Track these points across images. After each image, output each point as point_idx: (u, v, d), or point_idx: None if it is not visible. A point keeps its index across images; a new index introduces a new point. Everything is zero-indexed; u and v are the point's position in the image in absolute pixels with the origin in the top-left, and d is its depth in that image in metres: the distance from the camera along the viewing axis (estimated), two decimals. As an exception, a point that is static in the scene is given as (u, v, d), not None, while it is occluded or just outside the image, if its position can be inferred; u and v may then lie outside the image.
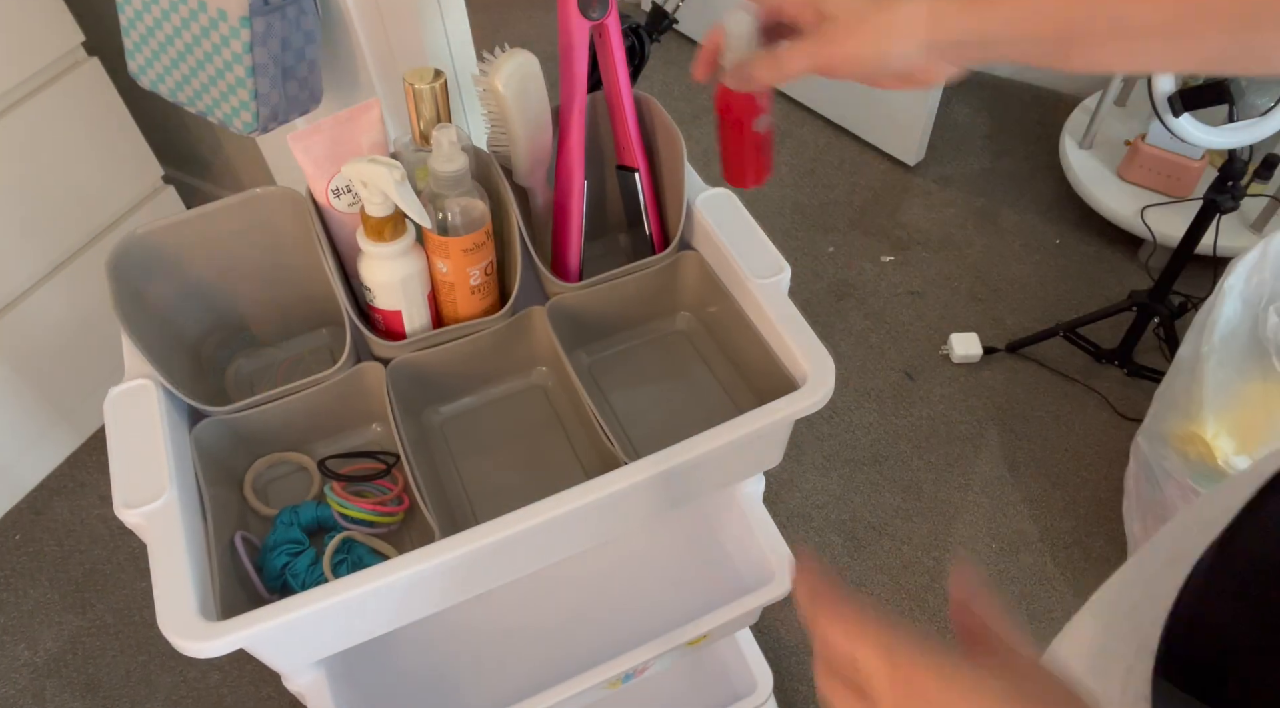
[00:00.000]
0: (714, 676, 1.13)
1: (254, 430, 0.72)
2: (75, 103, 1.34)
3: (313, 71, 1.19)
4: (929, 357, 1.67)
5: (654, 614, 0.94)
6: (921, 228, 1.88)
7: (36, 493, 1.53)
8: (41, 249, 1.38)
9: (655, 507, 0.72)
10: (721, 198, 0.77)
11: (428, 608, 0.69)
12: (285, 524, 0.70)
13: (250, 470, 0.74)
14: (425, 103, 0.69)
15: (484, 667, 0.94)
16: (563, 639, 0.95)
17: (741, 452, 0.72)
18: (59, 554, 1.46)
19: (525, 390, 0.81)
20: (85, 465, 1.56)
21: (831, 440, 1.57)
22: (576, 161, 0.74)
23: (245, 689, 1.32)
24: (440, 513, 0.68)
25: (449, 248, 0.68)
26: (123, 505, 0.60)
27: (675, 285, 0.80)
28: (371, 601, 0.61)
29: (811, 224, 1.88)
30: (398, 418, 0.69)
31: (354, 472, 0.74)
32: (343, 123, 0.69)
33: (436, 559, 0.58)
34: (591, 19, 0.68)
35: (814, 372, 0.66)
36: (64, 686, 1.34)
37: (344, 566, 0.68)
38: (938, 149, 2.01)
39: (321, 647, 0.68)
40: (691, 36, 2.20)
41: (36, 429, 1.50)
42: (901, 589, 1.38)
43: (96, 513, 1.50)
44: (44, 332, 1.43)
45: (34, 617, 1.40)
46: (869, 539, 1.44)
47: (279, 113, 1.17)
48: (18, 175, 1.30)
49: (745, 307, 0.73)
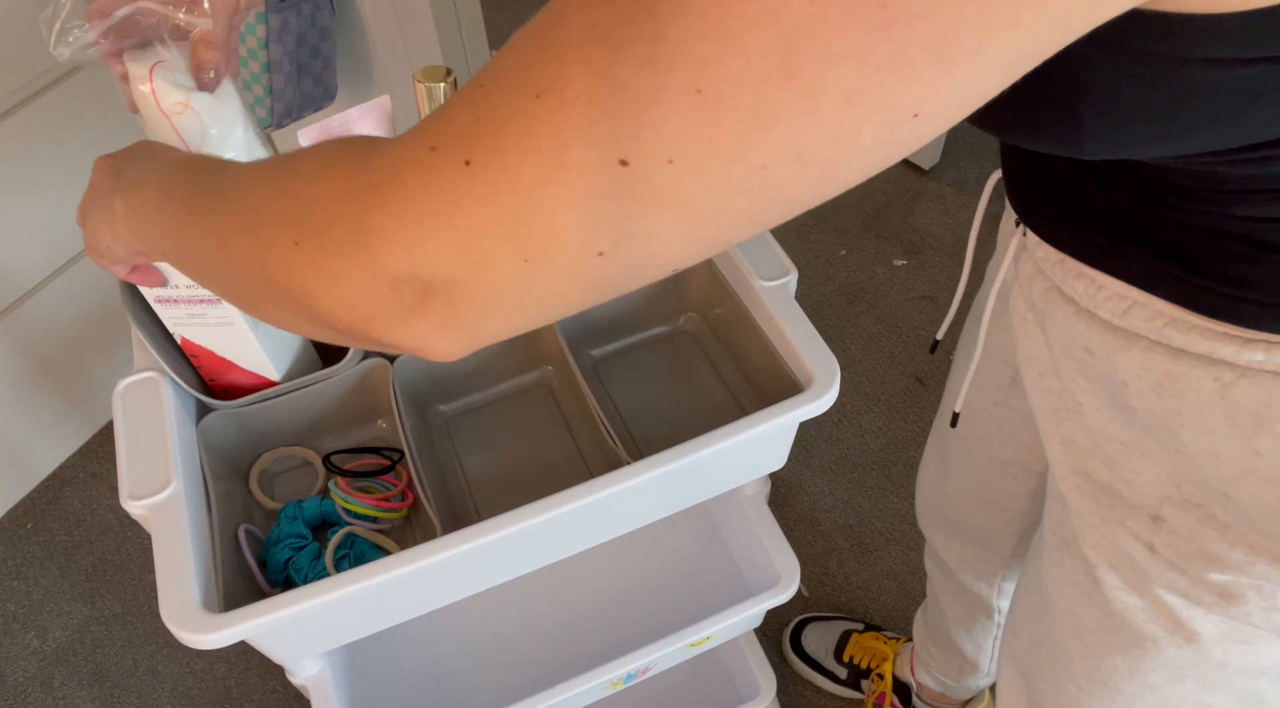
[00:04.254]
0: (717, 679, 1.13)
1: (260, 425, 0.72)
2: (86, 100, 1.35)
3: (327, 68, 1.19)
4: (940, 362, 1.67)
5: (657, 616, 0.94)
6: (935, 232, 1.87)
7: (48, 483, 1.55)
8: (54, 244, 1.39)
9: (659, 508, 0.71)
10: (730, 199, 0.77)
11: (429, 604, 0.69)
12: (289, 519, 0.70)
13: (256, 465, 0.74)
14: (437, 102, 0.69)
15: (487, 665, 0.94)
16: (565, 639, 0.95)
17: (746, 454, 0.72)
18: (69, 544, 1.48)
19: (530, 389, 0.81)
20: (97, 456, 1.58)
21: (840, 444, 1.56)
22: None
23: (251, 682, 1.33)
24: (443, 510, 0.68)
25: (456, 246, 0.68)
26: (128, 497, 0.60)
27: (681, 286, 0.80)
28: (373, 596, 0.61)
29: (824, 227, 1.88)
30: (403, 415, 0.69)
31: (359, 467, 0.74)
32: (352, 119, 0.69)
33: (438, 555, 0.58)
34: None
35: (819, 375, 0.66)
36: (72, 674, 1.35)
37: (346, 561, 0.69)
38: (953, 153, 2.00)
39: (323, 641, 0.68)
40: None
41: (49, 420, 1.52)
42: (909, 595, 1.38)
43: (107, 504, 1.52)
44: (57, 325, 1.44)
45: (44, 606, 1.42)
46: (876, 544, 1.43)
47: (293, 109, 1.18)
48: (30, 171, 1.32)
49: (751, 308, 0.73)
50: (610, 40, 0.26)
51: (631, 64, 0.26)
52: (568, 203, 0.29)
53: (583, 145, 0.27)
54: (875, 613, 1.37)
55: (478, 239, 0.31)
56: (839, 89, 0.25)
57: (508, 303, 0.33)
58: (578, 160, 0.28)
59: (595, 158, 0.27)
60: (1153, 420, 0.47)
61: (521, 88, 0.28)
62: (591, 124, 0.27)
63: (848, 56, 0.24)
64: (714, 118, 0.26)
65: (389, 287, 0.33)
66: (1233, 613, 0.51)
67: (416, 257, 0.32)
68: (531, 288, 0.32)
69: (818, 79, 0.24)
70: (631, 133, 0.27)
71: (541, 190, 0.29)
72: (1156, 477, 0.49)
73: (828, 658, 1.29)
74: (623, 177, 0.27)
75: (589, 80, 0.27)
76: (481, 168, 0.30)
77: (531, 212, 0.29)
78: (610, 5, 0.26)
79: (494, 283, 0.32)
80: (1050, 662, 0.66)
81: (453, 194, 0.30)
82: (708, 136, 0.26)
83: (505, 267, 0.31)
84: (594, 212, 0.29)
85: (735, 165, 0.27)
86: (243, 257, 0.38)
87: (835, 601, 1.39)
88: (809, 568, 1.41)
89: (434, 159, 0.31)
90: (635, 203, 0.28)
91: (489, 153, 0.29)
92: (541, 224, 0.29)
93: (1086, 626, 0.60)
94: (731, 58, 0.25)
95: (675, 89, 0.25)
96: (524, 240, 0.30)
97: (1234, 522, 0.47)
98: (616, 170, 0.27)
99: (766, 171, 0.27)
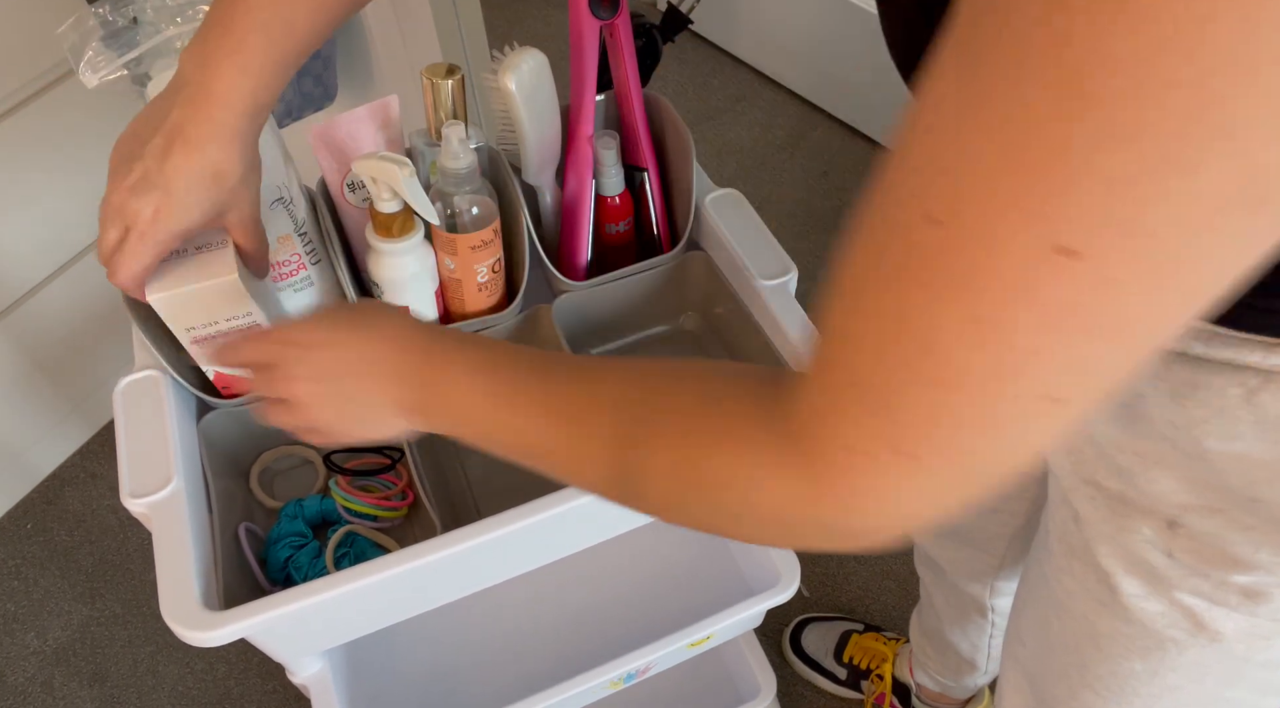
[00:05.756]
0: (718, 679, 1.13)
1: (261, 423, 0.72)
2: (88, 100, 1.35)
3: (327, 68, 1.19)
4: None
5: (657, 616, 0.94)
6: (935, 233, 1.87)
7: (49, 483, 1.55)
8: (54, 244, 1.39)
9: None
10: (730, 198, 0.77)
11: (429, 603, 0.69)
12: (290, 517, 0.70)
13: (256, 463, 0.74)
14: (443, 98, 0.69)
15: (487, 664, 0.94)
16: (565, 638, 0.95)
17: (746, 453, 0.72)
18: (69, 544, 1.48)
19: (531, 388, 0.81)
20: (97, 456, 1.58)
21: (840, 444, 1.56)
22: (585, 160, 0.74)
23: (252, 682, 1.33)
24: (444, 509, 0.68)
25: (456, 245, 0.68)
26: (129, 495, 0.60)
27: (682, 285, 0.81)
28: (372, 594, 0.61)
29: (826, 227, 1.87)
30: (403, 413, 0.69)
31: (359, 466, 0.74)
32: (362, 118, 0.69)
33: (437, 554, 0.58)
34: (602, 19, 0.68)
35: (819, 374, 0.66)
36: (72, 675, 1.35)
37: (347, 559, 0.69)
38: (953, 154, 2.00)
39: (322, 639, 0.68)
40: (708, 37, 2.21)
41: (50, 419, 1.52)
42: (909, 596, 1.38)
43: (107, 504, 1.52)
44: (57, 325, 1.44)
45: (44, 606, 1.42)
46: (876, 544, 1.43)
47: (294, 109, 1.18)
48: (32, 171, 1.32)
49: (751, 308, 0.73)
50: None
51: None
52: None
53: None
54: (875, 613, 1.37)
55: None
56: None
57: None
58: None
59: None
60: (1173, 430, 0.46)
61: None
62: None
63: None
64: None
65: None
66: (1259, 612, 0.50)
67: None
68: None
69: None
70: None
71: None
72: (1175, 485, 0.48)
73: (828, 658, 1.29)
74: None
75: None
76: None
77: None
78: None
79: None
80: (1063, 668, 0.65)
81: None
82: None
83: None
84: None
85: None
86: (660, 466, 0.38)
87: (835, 601, 1.39)
88: (809, 568, 1.41)
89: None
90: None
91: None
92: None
93: (1102, 632, 0.59)
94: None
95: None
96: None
97: (1259, 525, 0.46)
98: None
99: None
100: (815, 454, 0.31)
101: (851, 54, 1.90)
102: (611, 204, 0.76)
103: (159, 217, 0.54)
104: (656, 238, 0.79)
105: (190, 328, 0.63)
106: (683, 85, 2.16)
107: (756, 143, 2.01)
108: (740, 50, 2.17)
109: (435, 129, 0.71)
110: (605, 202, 0.76)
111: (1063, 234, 0.24)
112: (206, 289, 0.59)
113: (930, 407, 0.28)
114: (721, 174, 1.92)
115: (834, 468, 0.31)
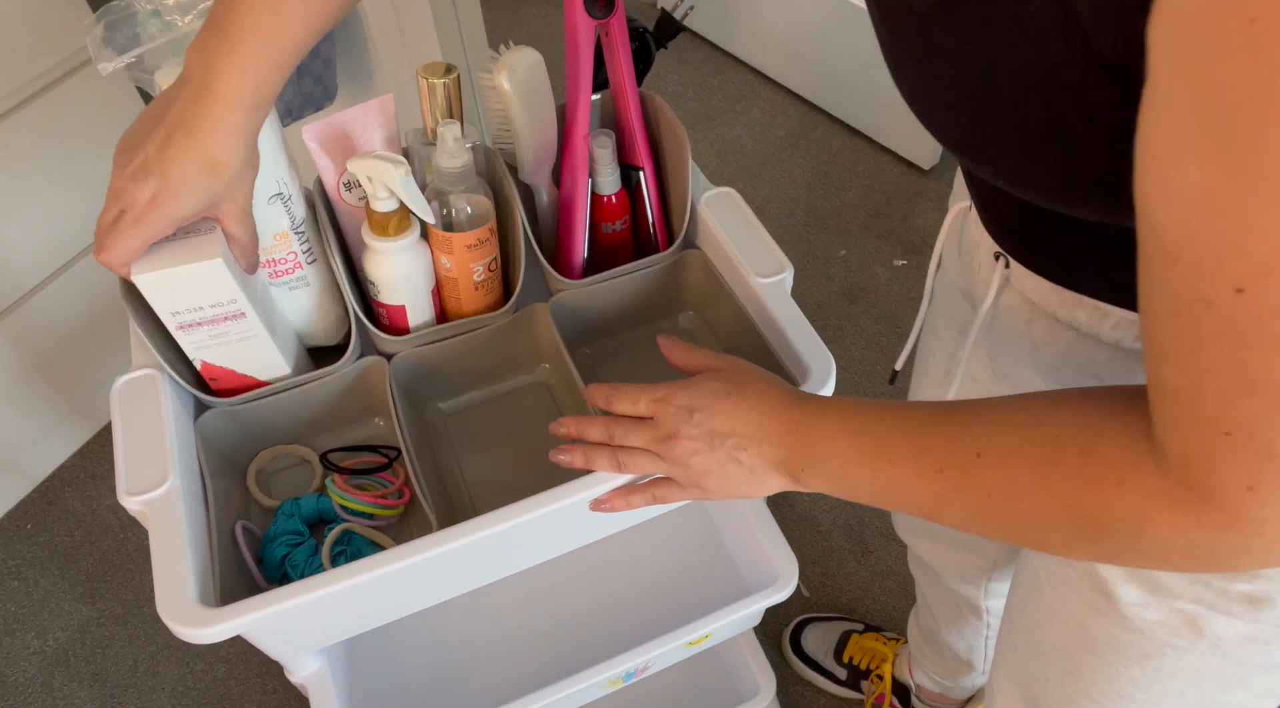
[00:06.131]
0: (717, 678, 1.13)
1: (257, 422, 0.73)
2: (89, 99, 1.36)
3: (327, 68, 1.19)
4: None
5: (656, 614, 0.94)
6: (935, 232, 1.86)
7: (48, 483, 1.55)
8: (54, 244, 1.39)
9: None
10: (725, 197, 0.77)
11: (426, 600, 0.69)
12: (286, 516, 0.70)
13: (253, 462, 0.74)
14: (439, 98, 0.69)
15: (486, 663, 0.94)
16: (564, 637, 0.95)
17: (742, 451, 0.72)
18: (69, 544, 1.48)
19: (528, 387, 0.81)
20: (97, 457, 1.58)
21: (840, 444, 1.56)
22: (581, 159, 0.74)
23: (251, 683, 1.33)
24: (441, 507, 0.68)
25: (453, 244, 0.68)
26: (126, 492, 0.60)
27: (678, 284, 0.81)
28: (368, 591, 0.61)
29: (824, 227, 1.87)
30: (400, 413, 0.69)
31: (356, 465, 0.75)
32: (358, 117, 0.69)
33: (433, 551, 0.58)
34: (597, 18, 0.68)
35: (816, 371, 0.66)
36: (72, 675, 1.35)
37: (343, 557, 0.69)
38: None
39: (319, 637, 0.68)
40: (707, 37, 2.21)
41: (49, 420, 1.52)
42: (908, 596, 1.38)
43: (107, 504, 1.52)
44: (57, 325, 1.45)
45: (44, 606, 1.42)
46: (876, 545, 1.43)
47: (294, 109, 1.18)
48: (32, 170, 1.32)
49: (748, 306, 0.73)
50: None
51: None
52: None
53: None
54: (875, 613, 1.37)
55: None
56: None
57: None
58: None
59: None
60: None
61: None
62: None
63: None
64: None
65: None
66: (1261, 618, 0.50)
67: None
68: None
69: None
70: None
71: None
72: None
73: (827, 659, 1.29)
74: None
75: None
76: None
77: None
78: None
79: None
80: (1059, 675, 0.65)
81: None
82: None
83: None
84: None
85: None
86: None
87: (835, 601, 1.39)
88: (809, 568, 1.41)
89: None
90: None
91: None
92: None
93: (1097, 638, 0.60)
94: None
95: None
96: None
97: None
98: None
99: None
100: (1218, 498, 0.36)
101: (851, 54, 1.90)
102: (608, 203, 0.76)
103: (155, 202, 0.56)
104: (653, 236, 0.79)
105: (175, 312, 0.63)
106: (682, 85, 2.16)
107: (756, 143, 2.01)
108: (740, 50, 2.17)
109: (431, 128, 0.71)
110: (601, 200, 0.76)
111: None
112: (190, 271, 0.60)
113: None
114: (721, 174, 1.92)
115: (1237, 507, 0.35)
